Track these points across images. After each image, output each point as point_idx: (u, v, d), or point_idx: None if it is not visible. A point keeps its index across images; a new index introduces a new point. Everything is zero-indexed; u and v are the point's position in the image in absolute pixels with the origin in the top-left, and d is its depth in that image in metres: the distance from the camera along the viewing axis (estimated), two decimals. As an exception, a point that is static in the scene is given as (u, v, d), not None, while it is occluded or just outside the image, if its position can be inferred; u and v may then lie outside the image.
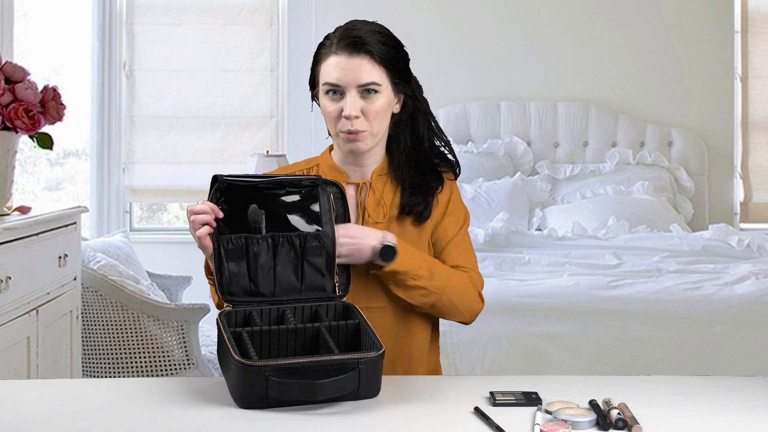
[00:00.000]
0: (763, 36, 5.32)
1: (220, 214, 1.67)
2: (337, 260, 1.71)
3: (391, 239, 1.75)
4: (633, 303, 3.20)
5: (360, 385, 1.49)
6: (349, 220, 1.77)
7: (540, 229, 4.63)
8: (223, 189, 1.69)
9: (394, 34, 1.85)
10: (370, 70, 1.76)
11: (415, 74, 1.90)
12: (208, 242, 1.66)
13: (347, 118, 1.76)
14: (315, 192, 1.74)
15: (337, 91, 1.77)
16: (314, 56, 1.86)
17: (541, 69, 5.23)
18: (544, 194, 4.94)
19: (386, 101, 1.79)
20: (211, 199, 1.69)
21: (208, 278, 1.78)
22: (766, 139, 5.32)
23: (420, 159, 1.85)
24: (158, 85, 5.04)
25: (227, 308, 1.65)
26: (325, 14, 5.12)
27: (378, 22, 1.86)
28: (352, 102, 1.75)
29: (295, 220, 1.72)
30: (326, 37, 1.85)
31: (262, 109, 5.11)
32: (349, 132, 1.77)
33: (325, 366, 1.47)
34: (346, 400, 1.49)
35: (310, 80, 1.87)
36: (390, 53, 1.79)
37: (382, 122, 1.80)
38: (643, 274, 3.60)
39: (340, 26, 1.85)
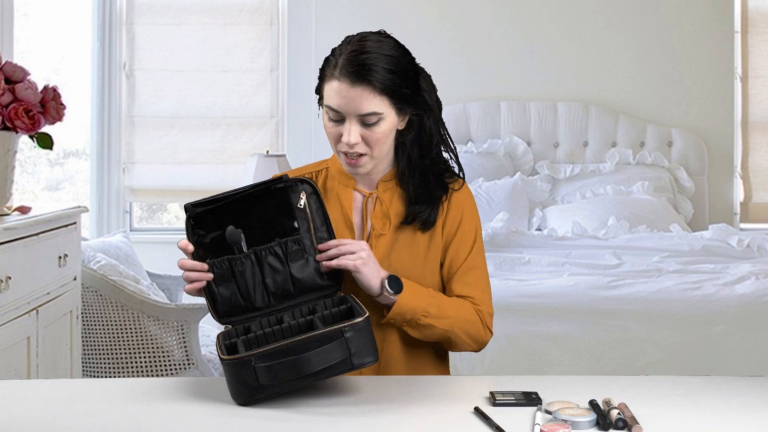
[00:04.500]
0: (763, 36, 5.32)
1: (209, 276, 1.66)
2: (349, 265, 1.68)
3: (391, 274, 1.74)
4: (633, 303, 3.20)
5: (351, 353, 1.49)
6: (325, 214, 1.74)
7: (540, 229, 4.63)
8: (195, 216, 1.69)
9: (401, 42, 1.78)
10: (371, 100, 1.70)
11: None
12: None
13: (347, 144, 1.74)
14: (286, 194, 1.73)
15: (338, 115, 1.73)
16: (320, 69, 1.78)
17: (541, 69, 5.23)
18: (544, 194, 4.94)
19: (389, 126, 1.75)
20: (186, 227, 1.69)
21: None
22: (766, 139, 5.32)
23: (425, 168, 1.83)
24: (158, 85, 5.04)
25: (227, 328, 1.66)
26: (325, 14, 5.12)
27: (387, 32, 1.79)
28: (351, 130, 1.72)
29: (272, 227, 1.71)
30: (333, 52, 1.76)
31: (262, 109, 5.11)
32: (348, 155, 1.76)
33: (309, 342, 1.48)
34: (342, 372, 1.50)
35: (316, 89, 1.80)
36: (394, 81, 1.71)
37: (383, 146, 1.77)
38: (643, 274, 3.60)
39: (351, 41, 1.75)
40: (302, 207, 1.73)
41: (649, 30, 5.24)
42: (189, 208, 1.69)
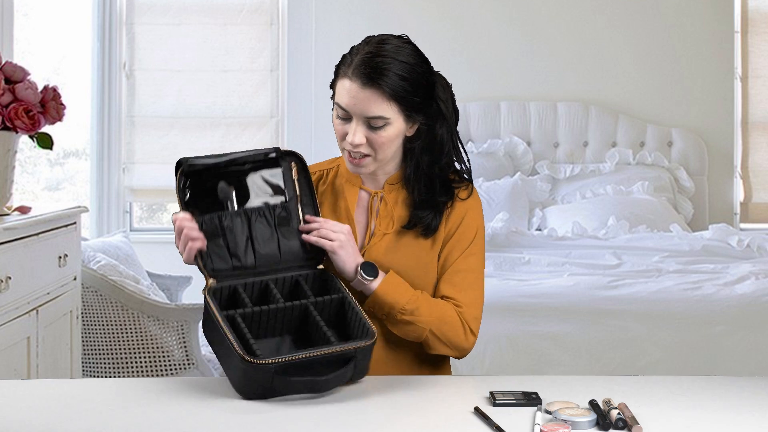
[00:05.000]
0: (763, 36, 5.32)
1: (204, 242, 1.67)
2: (326, 244, 1.70)
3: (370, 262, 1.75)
4: (633, 303, 3.19)
5: (356, 371, 1.57)
6: (313, 195, 1.77)
7: (540, 229, 4.63)
8: (188, 172, 1.70)
9: (421, 50, 1.77)
10: (379, 104, 1.71)
11: None
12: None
13: (350, 143, 1.74)
14: (278, 164, 1.76)
15: (346, 113, 1.74)
16: (337, 65, 1.78)
17: (541, 69, 5.22)
18: (544, 194, 4.94)
19: (395, 132, 1.75)
20: (177, 183, 1.70)
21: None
22: (766, 139, 5.32)
23: (432, 175, 1.81)
24: (158, 85, 5.04)
25: (213, 283, 1.66)
26: (325, 14, 5.12)
27: (409, 38, 1.78)
28: (356, 131, 1.73)
29: (261, 194, 1.74)
30: (351, 50, 1.76)
31: (262, 109, 5.11)
32: (351, 154, 1.76)
33: (325, 357, 1.54)
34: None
35: (331, 83, 1.80)
36: (405, 88, 1.72)
37: (387, 150, 1.76)
38: (643, 274, 3.59)
39: (370, 41, 1.75)
40: (293, 179, 1.76)
41: (649, 30, 5.24)
42: (184, 163, 1.70)
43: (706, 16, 5.26)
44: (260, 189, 1.74)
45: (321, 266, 1.74)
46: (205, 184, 1.71)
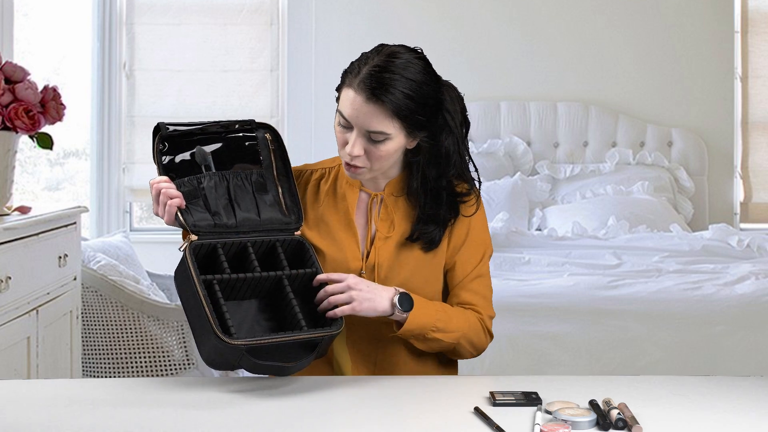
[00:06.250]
0: (763, 36, 5.32)
1: (183, 200, 1.68)
2: (345, 309, 1.66)
3: (401, 290, 1.73)
4: (633, 303, 3.19)
5: (316, 356, 1.64)
6: (286, 161, 1.79)
7: (540, 229, 4.64)
8: (166, 137, 1.72)
9: (431, 67, 1.75)
10: (381, 120, 1.69)
11: None
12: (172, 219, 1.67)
13: (348, 154, 1.73)
14: (252, 134, 1.80)
15: (347, 123, 1.72)
16: (344, 72, 1.75)
17: (541, 69, 5.22)
18: (544, 194, 4.94)
19: (394, 146, 1.73)
20: (155, 147, 1.72)
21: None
22: (766, 139, 5.32)
23: (440, 188, 1.80)
24: (158, 85, 5.04)
25: (193, 239, 1.66)
26: (325, 14, 5.12)
27: (422, 52, 1.75)
28: (356, 142, 1.71)
29: (237, 159, 1.78)
30: (360, 58, 1.74)
31: (262, 109, 5.11)
32: (348, 164, 1.75)
33: (295, 342, 1.61)
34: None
35: (337, 88, 1.77)
36: (409, 107, 1.69)
37: (385, 162, 1.75)
38: (643, 274, 3.60)
39: (381, 51, 1.72)
40: (268, 148, 1.80)
41: (649, 30, 5.24)
42: (162, 128, 1.72)
43: (706, 16, 5.26)
44: (236, 155, 1.78)
45: (298, 233, 1.76)
46: (183, 148, 1.74)
